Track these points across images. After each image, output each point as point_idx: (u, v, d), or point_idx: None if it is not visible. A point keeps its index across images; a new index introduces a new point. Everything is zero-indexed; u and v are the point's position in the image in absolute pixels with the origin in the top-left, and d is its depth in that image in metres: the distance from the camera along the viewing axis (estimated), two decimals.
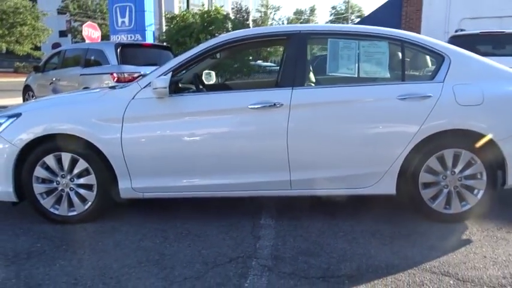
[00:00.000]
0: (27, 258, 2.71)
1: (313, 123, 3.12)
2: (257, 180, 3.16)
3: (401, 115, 3.11)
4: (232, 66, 11.96)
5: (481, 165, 3.11)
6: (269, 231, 3.12)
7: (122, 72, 8.15)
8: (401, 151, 3.09)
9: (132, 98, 3.17)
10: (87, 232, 3.11)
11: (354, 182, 3.18)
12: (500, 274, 2.46)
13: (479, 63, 3.25)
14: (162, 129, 3.17)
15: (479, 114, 3.07)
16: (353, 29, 3.44)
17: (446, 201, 3.18)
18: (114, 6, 14.32)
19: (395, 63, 3.31)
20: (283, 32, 3.55)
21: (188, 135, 3.16)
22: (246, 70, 12.52)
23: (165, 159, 3.17)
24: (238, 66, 12.31)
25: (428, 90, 3.09)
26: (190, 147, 3.17)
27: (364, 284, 2.37)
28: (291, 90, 3.11)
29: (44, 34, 38.55)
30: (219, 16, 14.51)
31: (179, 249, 2.81)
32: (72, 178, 3.22)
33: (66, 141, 3.17)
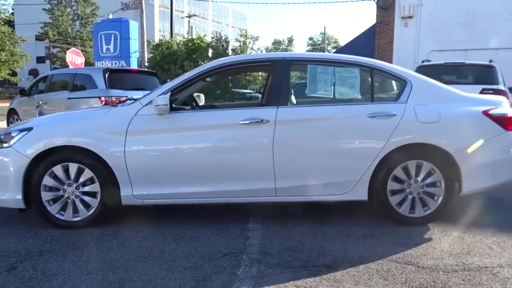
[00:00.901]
0: (39, 255, 3.01)
1: (295, 137, 3.57)
2: (246, 188, 3.56)
3: (371, 131, 3.59)
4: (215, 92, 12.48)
5: (440, 175, 3.60)
6: (257, 233, 3.50)
7: (109, 96, 8.45)
8: (371, 162, 3.56)
9: (134, 114, 3.57)
10: (91, 235, 3.42)
11: (331, 189, 3.61)
12: (453, 263, 2.91)
13: (436, 87, 3.79)
14: (161, 142, 3.56)
15: (437, 130, 3.58)
16: (330, 56, 3.97)
17: (411, 206, 3.64)
18: (100, 33, 14.79)
19: (366, 86, 3.82)
20: (269, 58, 4.06)
21: (185, 147, 3.56)
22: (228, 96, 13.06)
23: (164, 169, 3.55)
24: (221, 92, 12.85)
25: (394, 110, 3.60)
26: (187, 159, 3.56)
27: (340, 271, 2.77)
28: (276, 109, 3.57)
29: (22, 60, 38.40)
30: (203, 44, 15.12)
31: (177, 247, 3.16)
32: (78, 186, 3.55)
33: (73, 152, 3.51)
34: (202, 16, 59.24)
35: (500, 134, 3.65)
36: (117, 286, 2.55)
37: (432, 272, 2.76)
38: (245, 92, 18.14)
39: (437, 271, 2.78)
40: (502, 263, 2.91)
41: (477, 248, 3.18)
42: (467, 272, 2.76)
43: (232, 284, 2.59)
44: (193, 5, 57.34)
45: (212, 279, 2.64)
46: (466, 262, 2.92)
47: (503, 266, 2.87)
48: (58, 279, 2.62)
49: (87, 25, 45.39)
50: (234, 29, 67.18)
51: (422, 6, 15.87)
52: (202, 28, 51.87)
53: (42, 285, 2.54)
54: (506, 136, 3.67)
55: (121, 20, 14.97)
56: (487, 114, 3.65)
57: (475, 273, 2.75)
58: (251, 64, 4.08)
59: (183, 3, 54.73)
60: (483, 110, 3.66)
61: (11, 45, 36.58)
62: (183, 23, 48.54)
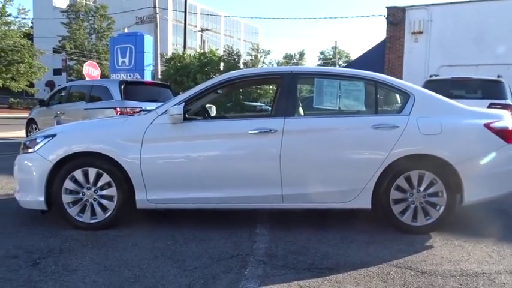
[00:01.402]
0: (60, 252, 3.21)
1: (302, 146, 3.74)
2: (254, 194, 3.74)
3: (375, 141, 3.75)
4: (227, 105, 12.75)
5: (442, 185, 3.73)
6: (264, 237, 3.66)
7: (124, 107, 8.76)
8: (375, 171, 3.71)
9: (150, 123, 3.78)
10: (108, 236, 3.61)
11: (335, 197, 3.77)
12: (452, 269, 3.03)
13: (438, 100, 3.95)
14: (175, 149, 3.77)
15: (439, 142, 3.73)
16: (335, 70, 4.16)
17: (413, 215, 3.77)
18: (116, 47, 15.20)
19: (370, 99, 4.00)
20: (278, 72, 4.27)
21: (197, 155, 3.76)
22: (239, 108, 13.31)
23: (177, 175, 3.75)
24: (232, 105, 13.11)
25: (397, 122, 3.76)
26: (199, 165, 3.76)
27: (342, 274, 2.92)
28: (284, 119, 3.76)
29: (40, 72, 39.39)
30: (215, 58, 15.46)
31: (188, 249, 3.34)
32: (96, 190, 3.76)
33: (93, 158, 3.74)
34: (215, 30, 60.14)
35: (502, 147, 3.78)
36: (132, 281, 2.73)
37: (430, 277, 2.89)
38: (256, 105, 18.42)
39: (436, 276, 2.90)
40: (500, 270, 3.02)
41: (476, 255, 3.30)
42: (465, 277, 2.88)
43: (239, 282, 2.75)
44: (206, 19, 58.32)
45: (220, 278, 2.81)
46: (465, 268, 3.04)
47: (501, 272, 2.98)
48: (78, 274, 2.81)
49: (103, 38, 46.48)
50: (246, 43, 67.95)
51: (433, 21, 16.06)
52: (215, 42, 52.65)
53: (63, 279, 2.74)
54: (507, 149, 3.80)
55: (136, 34, 15.40)
56: (489, 127, 3.79)
57: (472, 279, 2.87)
58: (261, 77, 4.30)
59: (196, 17, 55.68)
60: (485, 123, 3.81)
61: (30, 58, 37.58)
62: (195, 37, 49.38)
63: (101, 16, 46.05)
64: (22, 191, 3.87)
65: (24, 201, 3.86)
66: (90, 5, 51.49)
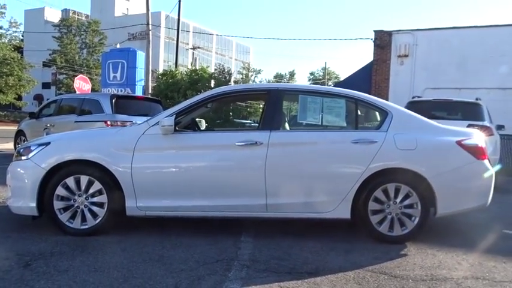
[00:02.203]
0: (51, 255, 3.34)
1: (286, 158, 3.96)
2: (240, 203, 3.92)
3: (354, 155, 3.98)
4: (216, 122, 12.98)
5: (416, 197, 3.96)
6: (248, 244, 3.83)
7: (115, 121, 8.89)
8: (354, 184, 3.92)
9: (142, 133, 3.97)
10: (97, 241, 3.74)
11: (317, 207, 3.97)
12: (423, 274, 3.23)
13: (414, 118, 4.21)
14: (165, 159, 3.96)
15: (414, 157, 3.97)
16: (319, 88, 4.41)
17: (390, 226, 3.98)
18: (108, 61, 15.43)
19: (351, 115, 4.25)
20: (265, 88, 4.50)
21: (186, 165, 3.95)
22: (228, 125, 13.54)
23: (166, 184, 3.92)
24: (222, 122, 13.35)
25: (375, 137, 4.00)
26: (187, 175, 3.94)
27: (320, 277, 3.10)
28: (269, 132, 3.97)
29: (29, 85, 39.34)
30: (205, 75, 15.75)
31: (175, 253, 3.49)
32: (87, 197, 3.90)
33: (85, 166, 3.89)
34: (207, 48, 60.82)
35: (472, 163, 4.04)
36: (122, 281, 2.87)
37: (402, 280, 3.08)
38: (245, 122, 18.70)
39: (407, 280, 3.10)
40: (467, 276, 3.23)
41: (447, 263, 3.51)
42: (434, 282, 3.09)
43: (223, 284, 2.91)
44: (198, 37, 59.00)
45: (206, 279, 2.97)
46: (435, 274, 3.24)
47: (468, 278, 3.19)
48: (69, 274, 2.95)
49: (94, 53, 46.71)
50: (237, 61, 68.74)
51: (418, 46, 16.60)
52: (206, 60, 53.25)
53: (55, 278, 2.87)
54: (477, 164, 4.05)
55: (129, 50, 15.66)
56: (460, 144, 4.05)
57: (441, 283, 3.07)
58: (249, 93, 4.53)
59: (188, 35, 56.31)
60: (457, 140, 4.07)
61: (19, 71, 37.56)
62: (187, 55, 49.86)
63: (93, 31, 46.38)
64: (14, 197, 4.00)
65: (15, 207, 3.99)
66: (83, 20, 51.95)
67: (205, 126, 5.97)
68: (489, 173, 4.08)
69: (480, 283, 3.09)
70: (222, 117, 12.90)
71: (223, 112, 11.60)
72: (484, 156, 4.08)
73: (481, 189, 4.08)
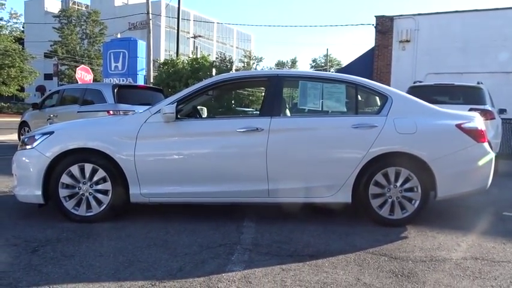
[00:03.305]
0: (57, 241, 3.41)
1: (287, 144, 4.00)
2: (242, 189, 3.98)
3: (355, 140, 4.02)
4: (218, 110, 13.00)
5: (417, 181, 4.00)
6: (250, 229, 3.89)
7: (117, 110, 8.95)
8: (355, 168, 3.97)
9: (144, 121, 4.02)
10: (102, 228, 3.82)
11: (318, 192, 4.02)
12: (423, 255, 3.29)
13: (414, 102, 4.24)
14: (167, 146, 4.01)
15: (414, 141, 4.00)
16: (319, 74, 4.43)
17: (390, 209, 4.03)
18: (109, 51, 15.43)
19: (351, 100, 4.27)
20: (265, 75, 4.53)
21: (188, 151, 4.00)
22: (230, 113, 13.56)
23: (169, 171, 3.98)
24: (224, 110, 13.37)
25: (375, 122, 4.03)
26: (190, 162, 3.99)
27: (321, 259, 3.16)
28: (270, 119, 4.01)
29: (31, 76, 39.32)
30: (206, 63, 15.72)
31: (179, 238, 3.56)
32: (92, 185, 3.97)
33: (89, 154, 3.95)
34: (208, 37, 60.56)
35: (472, 146, 4.07)
36: (127, 265, 2.94)
37: (402, 262, 3.14)
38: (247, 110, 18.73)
39: (407, 261, 3.16)
40: (466, 256, 3.29)
41: (447, 244, 3.57)
42: (434, 262, 3.14)
43: (226, 266, 2.98)
44: (199, 26, 58.74)
45: (209, 262, 3.03)
46: (434, 255, 3.30)
47: (467, 258, 3.25)
48: (76, 259, 3.02)
49: (95, 44, 46.64)
50: (239, 50, 68.46)
51: (419, 31, 16.49)
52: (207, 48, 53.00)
53: (62, 263, 2.94)
54: (477, 147, 4.08)
55: (130, 40, 15.66)
56: (460, 127, 4.07)
57: (440, 263, 3.13)
58: (249, 80, 4.56)
59: (189, 24, 56.06)
60: (456, 123, 4.09)
61: (21, 62, 37.52)
62: (188, 43, 49.71)
63: (93, 21, 46.24)
64: (20, 186, 4.07)
65: (21, 196, 4.06)
66: (83, 10, 51.72)
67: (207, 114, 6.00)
68: (489, 156, 4.11)
69: (479, 263, 3.15)
70: (224, 106, 12.91)
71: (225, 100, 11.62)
72: (484, 139, 4.11)
73: (481, 172, 4.12)
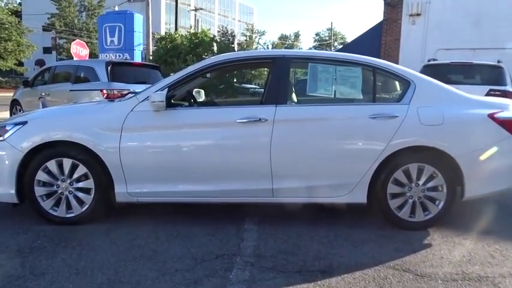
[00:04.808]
0: (30, 252, 2.95)
1: (294, 137, 3.48)
2: (242, 188, 3.49)
3: (372, 132, 3.50)
4: (219, 87, 12.39)
5: (442, 179, 3.50)
6: (252, 234, 3.42)
7: (111, 89, 8.43)
8: (372, 164, 3.46)
9: (130, 110, 3.49)
10: (84, 232, 3.36)
11: (329, 191, 3.53)
12: (453, 271, 2.82)
13: (440, 88, 3.69)
14: (157, 139, 3.49)
15: (440, 133, 3.48)
16: (331, 55, 3.85)
17: (411, 210, 3.55)
18: (104, 25, 14.71)
19: (368, 86, 3.72)
20: (269, 55, 3.95)
21: (181, 145, 3.49)
22: (230, 91, 12.95)
23: (159, 167, 3.48)
24: (224, 87, 12.75)
25: (396, 111, 3.50)
26: (183, 157, 3.49)
27: (335, 278, 2.69)
28: (275, 107, 3.48)
29: (28, 50, 38.62)
30: (206, 39, 15.01)
31: (170, 247, 3.09)
32: (72, 182, 3.49)
33: (68, 147, 3.45)
34: (209, 10, 59.04)
35: (506, 139, 3.54)
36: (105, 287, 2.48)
37: (431, 281, 2.67)
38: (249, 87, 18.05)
39: (436, 280, 2.69)
40: (504, 273, 2.82)
41: (478, 255, 3.09)
42: (467, 282, 2.67)
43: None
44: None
45: (203, 283, 2.57)
46: (466, 271, 2.83)
47: (505, 276, 2.78)
48: (46, 279, 2.56)
49: (93, 16, 45.36)
50: (241, 23, 66.97)
51: (431, 4, 15.65)
52: (209, 22, 51.74)
53: (28, 285, 2.48)
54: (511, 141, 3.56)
55: (125, 13, 14.88)
56: (493, 117, 3.54)
57: (476, 284, 2.66)
58: (251, 61, 4.01)
59: None
60: (488, 113, 3.55)
61: (18, 36, 36.71)
62: (189, 16, 48.40)
63: None
64: None
65: None
66: None
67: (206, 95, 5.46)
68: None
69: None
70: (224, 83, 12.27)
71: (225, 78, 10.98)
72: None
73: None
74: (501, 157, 3.56)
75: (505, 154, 3.56)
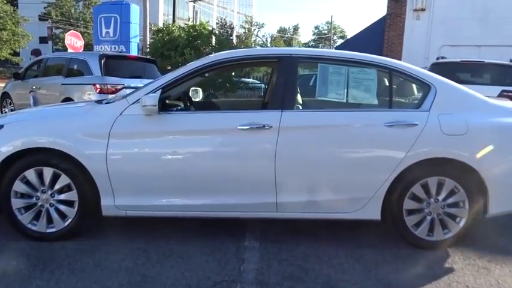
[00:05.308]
0: (1, 277, 2.60)
1: (302, 146, 3.12)
2: (243, 201, 3.14)
3: (388, 142, 3.15)
4: (216, 82, 11.96)
5: (464, 194, 3.16)
6: (253, 253, 3.08)
7: (105, 84, 8.05)
8: (387, 177, 3.12)
9: (119, 114, 3.12)
10: (65, 250, 3.00)
11: (338, 206, 3.18)
12: None
13: (463, 93, 3.33)
14: (149, 147, 3.13)
15: (463, 144, 3.13)
16: (343, 55, 3.48)
17: (429, 228, 3.21)
18: (99, 16, 14.24)
19: (383, 90, 3.37)
20: (274, 54, 3.56)
21: (176, 154, 3.12)
22: (229, 86, 12.53)
23: (151, 178, 3.12)
24: (222, 82, 12.32)
25: (415, 119, 3.14)
26: (178, 166, 3.13)
27: None
28: (281, 113, 3.12)
29: (23, 40, 38.04)
30: (205, 31, 14.54)
31: (162, 271, 2.75)
32: (53, 194, 3.13)
33: (48, 155, 3.09)
34: (208, 1, 58.29)
35: None
36: None
37: None
38: (248, 81, 17.60)
39: None
40: None
41: (507, 284, 2.76)
42: None
43: None
44: None
45: None
46: None
47: None
48: None
49: (90, 6, 44.60)
50: (240, 15, 66.30)
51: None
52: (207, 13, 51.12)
53: None
54: None
55: (122, 3, 14.37)
56: None
57: None
58: (254, 60, 3.63)
59: None
60: None
61: (13, 25, 36.08)
62: (187, 8, 47.67)
63: None
64: None
65: None
66: None
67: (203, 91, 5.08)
68: None
69: None
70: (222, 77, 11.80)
71: None
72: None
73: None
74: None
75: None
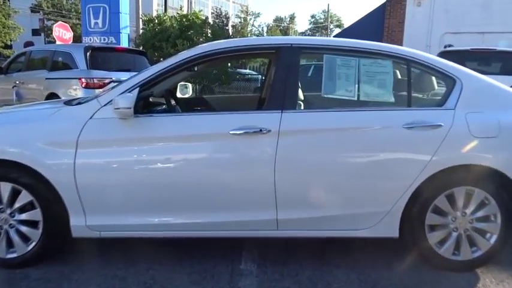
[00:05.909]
0: None
1: (305, 153, 2.64)
2: (238, 219, 2.66)
3: (407, 147, 2.67)
4: (211, 73, 11.43)
5: (496, 206, 2.69)
6: (251, 280, 2.61)
7: (91, 78, 7.60)
8: (406, 189, 2.65)
9: (89, 117, 2.63)
10: (27, 281, 2.53)
11: (350, 223, 2.72)
12: None
13: (494, 88, 2.85)
14: (124, 156, 2.63)
15: (495, 148, 2.66)
16: (352, 44, 2.97)
17: (455, 247, 2.75)
18: (87, 6, 13.62)
19: (401, 86, 2.88)
20: (272, 44, 3.04)
21: (156, 164, 2.63)
22: (224, 78, 12.00)
23: (128, 192, 2.64)
24: (217, 73, 11.79)
25: (439, 119, 2.67)
26: (159, 179, 2.64)
27: None
28: (280, 114, 2.64)
29: (15, 32, 37.45)
30: (198, 21, 13.96)
31: None
32: (13, 213, 2.65)
33: (7, 168, 2.60)
34: None
35: None
36: None
37: None
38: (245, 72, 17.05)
39: None
40: None
41: None
42: None
43: None
44: None
45: None
46: None
47: None
48: None
49: None
50: (235, 4, 65.39)
51: None
52: (202, 3, 50.22)
53: None
54: None
55: None
56: None
57: None
58: (249, 51, 3.14)
59: None
60: None
61: (3, 17, 35.43)
62: None
63: None
64: None
65: None
66: None
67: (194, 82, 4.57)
68: None
69: None
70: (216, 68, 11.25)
71: None
72: None
73: None
74: None
75: None
